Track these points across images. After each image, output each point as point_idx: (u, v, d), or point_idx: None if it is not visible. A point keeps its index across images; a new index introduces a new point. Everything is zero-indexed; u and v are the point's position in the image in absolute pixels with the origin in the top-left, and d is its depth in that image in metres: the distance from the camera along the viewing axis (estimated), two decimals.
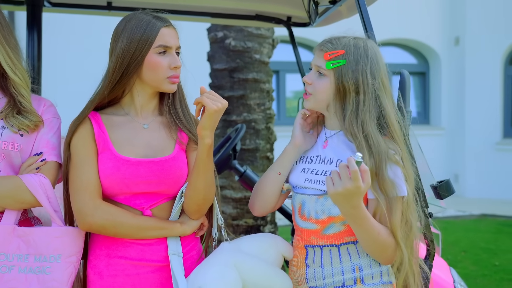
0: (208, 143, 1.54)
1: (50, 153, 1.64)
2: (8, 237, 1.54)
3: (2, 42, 1.59)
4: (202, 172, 1.57)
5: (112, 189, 1.61)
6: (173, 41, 1.64)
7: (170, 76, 1.63)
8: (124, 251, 1.62)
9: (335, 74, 1.58)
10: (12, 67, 1.60)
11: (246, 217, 4.08)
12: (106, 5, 2.76)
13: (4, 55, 1.59)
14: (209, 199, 1.64)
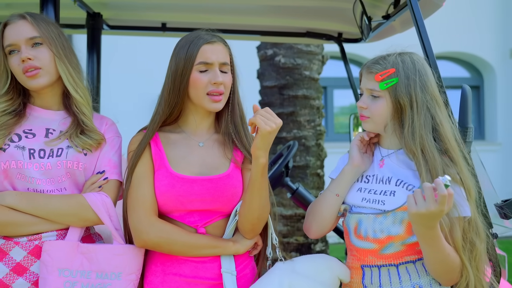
0: (263, 163, 1.53)
1: (111, 171, 1.68)
2: (72, 253, 1.58)
3: (65, 62, 1.65)
4: (257, 191, 1.57)
5: (167, 206, 1.63)
6: (214, 57, 1.62)
7: (210, 92, 1.62)
8: (179, 268, 1.63)
9: (390, 93, 1.57)
10: (74, 86, 1.66)
11: (296, 234, 4.04)
12: (160, 26, 2.84)
13: (66, 74, 1.65)
14: (263, 218, 1.63)
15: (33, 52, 1.60)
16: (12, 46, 1.61)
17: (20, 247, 1.57)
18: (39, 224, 1.57)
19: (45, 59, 1.61)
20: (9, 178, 1.58)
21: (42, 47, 1.62)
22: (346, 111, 8.91)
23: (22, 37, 1.60)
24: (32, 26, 1.62)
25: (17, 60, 1.60)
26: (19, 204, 1.55)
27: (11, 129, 1.61)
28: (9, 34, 1.62)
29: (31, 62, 1.59)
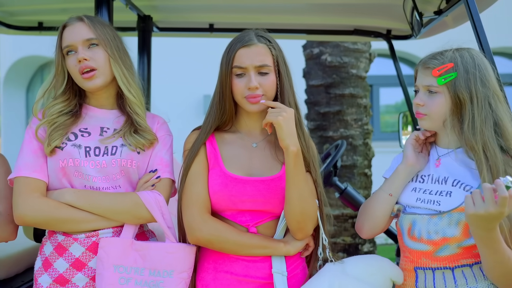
0: (293, 151, 1.53)
1: (164, 170, 1.71)
2: (126, 250, 1.62)
3: (119, 63, 1.69)
4: (293, 183, 1.56)
5: (220, 205, 1.64)
6: (248, 61, 1.61)
7: (247, 96, 1.62)
8: (230, 266, 1.64)
9: (448, 88, 1.52)
10: (127, 86, 1.70)
11: (344, 235, 3.99)
12: (208, 27, 2.88)
13: (120, 75, 1.69)
14: (308, 215, 1.60)
15: (89, 53, 1.64)
16: (69, 47, 1.66)
17: (78, 243, 1.62)
18: (96, 221, 1.61)
19: (100, 59, 1.65)
20: (67, 175, 1.63)
21: (98, 48, 1.66)
22: (392, 110, 8.74)
23: (79, 39, 1.65)
24: (89, 28, 1.66)
25: (74, 60, 1.65)
26: (77, 201, 1.59)
27: (68, 129, 1.66)
28: (67, 35, 1.67)
29: (87, 63, 1.63)
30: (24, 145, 1.65)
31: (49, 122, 1.65)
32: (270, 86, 1.63)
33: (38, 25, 2.90)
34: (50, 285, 1.61)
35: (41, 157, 1.63)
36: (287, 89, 1.67)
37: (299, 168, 1.56)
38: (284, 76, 1.66)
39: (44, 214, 1.58)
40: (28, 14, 2.82)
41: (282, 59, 1.67)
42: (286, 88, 1.66)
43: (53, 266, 1.62)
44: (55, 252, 1.63)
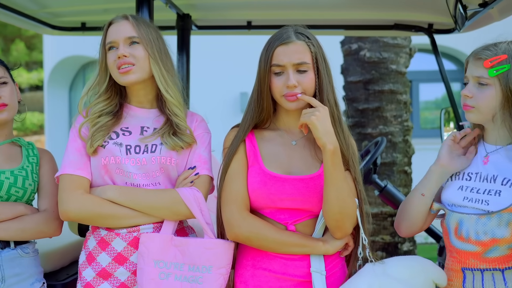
0: (330, 149, 1.51)
1: (202, 167, 1.73)
2: (166, 246, 1.64)
3: (159, 64, 1.71)
4: (331, 182, 1.54)
5: (258, 202, 1.64)
6: (286, 59, 1.59)
7: (286, 95, 1.61)
8: (268, 263, 1.64)
9: (500, 81, 1.47)
10: (165, 87, 1.71)
11: (382, 233, 3.93)
12: (246, 24, 2.88)
13: (159, 75, 1.70)
14: (346, 214, 1.58)
15: (129, 50, 1.67)
16: (112, 44, 1.69)
17: (120, 238, 1.66)
18: (137, 217, 1.64)
19: (139, 56, 1.67)
20: (109, 172, 1.67)
21: (139, 46, 1.68)
22: (432, 106, 8.53)
23: (122, 36, 1.68)
24: (132, 27, 1.69)
25: (113, 56, 1.68)
26: (119, 197, 1.63)
27: (110, 129, 1.69)
28: (111, 32, 1.71)
29: (126, 59, 1.66)
30: (69, 144, 1.70)
31: (92, 121, 1.68)
32: (309, 84, 1.61)
33: (81, 26, 2.97)
34: (94, 278, 1.65)
35: (84, 155, 1.67)
36: (326, 87, 1.64)
37: (337, 166, 1.54)
38: (323, 74, 1.64)
39: (87, 210, 1.62)
40: (71, 15, 2.90)
41: (321, 56, 1.64)
42: (325, 85, 1.64)
43: (96, 260, 1.66)
44: (98, 247, 1.67)
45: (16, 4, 2.59)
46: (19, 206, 1.75)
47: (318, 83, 1.63)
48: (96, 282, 1.65)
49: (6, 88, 1.79)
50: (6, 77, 1.81)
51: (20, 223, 1.72)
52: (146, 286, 1.60)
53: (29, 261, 1.78)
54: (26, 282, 1.76)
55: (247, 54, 7.92)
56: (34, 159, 1.86)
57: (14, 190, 1.76)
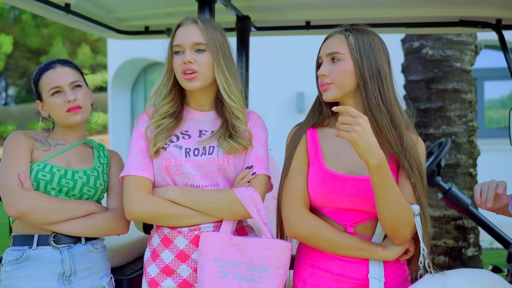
0: (373, 165, 1.46)
1: (259, 166, 1.74)
2: (225, 245, 1.67)
3: (223, 70, 1.73)
4: (380, 195, 1.50)
5: (318, 201, 1.64)
6: (322, 51, 1.67)
7: (320, 84, 1.66)
8: (326, 264, 1.63)
9: None
10: (228, 93, 1.73)
11: (445, 237, 3.79)
12: (304, 24, 2.87)
13: (222, 81, 1.73)
14: (401, 224, 1.53)
15: (194, 56, 1.70)
16: (178, 47, 1.72)
17: (182, 236, 1.70)
18: (196, 217, 1.68)
19: (204, 64, 1.70)
20: (170, 174, 1.71)
21: (205, 53, 1.71)
22: (497, 105, 8.14)
23: (189, 41, 1.70)
24: (200, 32, 1.71)
25: (179, 60, 1.71)
26: (179, 198, 1.67)
27: (171, 132, 1.74)
28: (179, 35, 1.73)
29: (190, 65, 1.69)
30: (132, 145, 1.75)
31: (155, 123, 1.74)
32: (339, 74, 1.62)
33: (144, 30, 3.08)
34: (158, 274, 1.71)
35: (147, 156, 1.73)
36: (371, 80, 1.60)
37: (384, 179, 1.49)
38: (366, 66, 1.60)
39: (151, 211, 1.67)
40: (135, 20, 3.00)
41: (364, 48, 1.61)
42: (369, 78, 1.60)
43: (160, 257, 1.71)
44: (161, 244, 1.73)
45: (86, 10, 2.72)
46: (91, 205, 1.84)
47: (360, 75, 1.61)
48: (160, 278, 1.70)
49: (80, 91, 1.88)
50: (80, 80, 1.90)
51: (92, 221, 1.80)
52: (205, 283, 1.63)
53: (98, 256, 1.87)
54: (96, 276, 1.84)
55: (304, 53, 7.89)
56: (105, 160, 1.95)
57: (86, 189, 1.85)
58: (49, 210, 1.73)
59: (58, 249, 1.78)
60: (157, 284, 1.70)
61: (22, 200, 1.71)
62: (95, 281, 1.84)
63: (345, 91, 1.64)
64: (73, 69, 1.91)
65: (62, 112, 1.84)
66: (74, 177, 1.82)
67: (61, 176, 1.79)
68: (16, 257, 1.76)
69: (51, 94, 1.85)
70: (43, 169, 1.79)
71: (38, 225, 1.76)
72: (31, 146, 1.82)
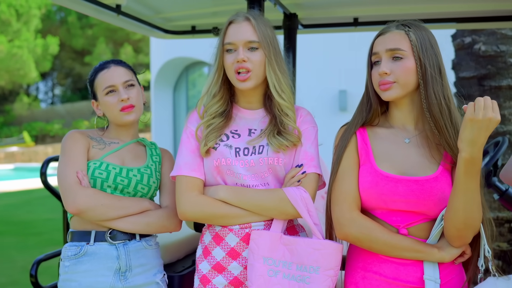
0: (465, 158, 1.42)
1: (309, 164, 1.72)
2: (275, 244, 1.68)
3: (274, 67, 1.72)
4: (460, 191, 1.46)
5: (370, 203, 1.62)
6: (380, 47, 1.60)
7: (379, 83, 1.60)
8: (379, 267, 1.61)
9: None
10: (279, 91, 1.72)
11: (499, 240, 3.67)
12: (352, 21, 2.84)
13: (273, 80, 1.72)
14: (471, 225, 1.50)
15: (248, 54, 1.70)
16: (230, 45, 1.71)
17: (233, 234, 1.72)
18: (247, 216, 1.69)
19: (256, 62, 1.70)
20: (220, 173, 1.73)
21: (257, 51, 1.71)
22: None
23: (242, 39, 1.69)
24: (253, 30, 1.70)
25: (232, 58, 1.70)
26: (230, 198, 1.68)
27: (221, 131, 1.75)
28: (231, 33, 1.71)
29: (244, 64, 1.69)
30: (183, 145, 1.77)
31: (206, 123, 1.75)
32: (403, 72, 1.57)
33: (191, 29, 3.13)
34: (209, 271, 1.73)
35: (198, 156, 1.75)
36: (433, 78, 1.57)
37: (470, 176, 1.44)
38: (428, 64, 1.57)
39: (203, 211, 1.69)
40: (182, 19, 3.05)
41: (425, 46, 1.57)
42: (430, 76, 1.57)
43: (212, 254, 1.74)
44: (213, 241, 1.75)
45: (135, 11, 2.79)
46: (145, 202, 1.88)
47: (421, 73, 1.57)
48: (211, 275, 1.73)
49: (133, 90, 1.93)
50: (133, 80, 1.95)
51: (146, 218, 1.85)
52: (255, 281, 1.64)
53: (152, 253, 1.91)
54: (150, 273, 1.89)
55: (347, 50, 7.80)
56: (157, 158, 2.00)
57: (140, 187, 1.89)
58: (106, 207, 1.78)
59: (114, 245, 1.83)
60: (208, 280, 1.72)
61: (81, 197, 1.76)
62: (149, 277, 1.88)
63: (407, 90, 1.61)
64: (127, 68, 1.96)
65: (116, 111, 1.89)
66: (128, 175, 1.87)
67: (116, 174, 1.85)
68: (75, 252, 1.82)
69: (106, 94, 1.90)
70: (99, 167, 1.84)
71: (95, 221, 1.81)
72: (87, 145, 1.88)
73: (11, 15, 25.47)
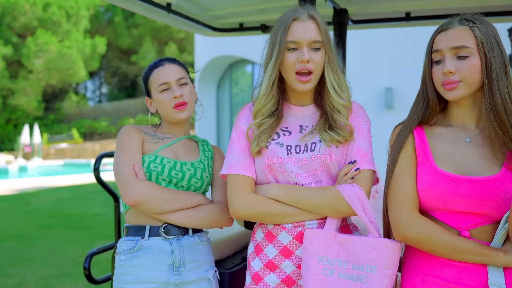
0: None
1: (362, 161, 1.68)
2: (330, 242, 1.65)
3: (332, 67, 1.69)
4: None
5: (429, 203, 1.56)
6: (444, 44, 1.53)
7: (443, 83, 1.54)
8: (440, 270, 1.55)
9: None
10: (338, 91, 1.69)
11: None
12: (404, 16, 2.76)
13: (331, 79, 1.69)
14: None
15: (311, 55, 1.65)
16: (294, 44, 1.65)
17: (286, 232, 1.70)
18: (300, 215, 1.67)
19: (318, 63, 1.66)
20: (272, 172, 1.71)
21: (320, 51, 1.67)
22: None
23: (307, 38, 1.64)
24: (318, 29, 1.65)
25: (294, 58, 1.66)
26: (282, 196, 1.66)
27: (273, 131, 1.73)
28: (295, 30, 1.65)
29: (308, 65, 1.65)
30: (233, 143, 1.76)
31: (258, 124, 1.73)
32: (469, 70, 1.51)
33: (239, 27, 3.13)
34: (261, 269, 1.72)
35: (249, 154, 1.73)
36: (498, 76, 1.50)
37: None
38: (493, 61, 1.50)
39: (255, 209, 1.68)
40: (230, 17, 3.06)
41: (491, 42, 1.51)
42: (495, 74, 1.50)
43: (264, 252, 1.73)
44: (265, 239, 1.74)
45: (184, 9, 2.82)
46: (199, 196, 1.90)
47: (486, 72, 1.50)
48: (263, 273, 1.72)
49: (186, 88, 1.94)
50: (186, 77, 1.97)
51: (200, 212, 1.86)
52: (310, 281, 1.62)
53: (204, 249, 1.92)
54: (202, 268, 1.90)
55: (393, 46, 7.62)
56: (209, 154, 2.02)
57: (194, 181, 1.91)
58: (162, 200, 1.80)
59: (168, 240, 1.85)
60: (260, 278, 1.72)
61: (137, 189, 1.78)
62: (201, 273, 1.89)
63: (473, 90, 1.55)
64: (180, 66, 1.97)
65: (169, 108, 1.92)
66: (182, 169, 1.89)
67: (171, 167, 1.87)
68: (130, 246, 1.85)
69: (160, 91, 1.92)
70: (154, 160, 1.86)
71: (150, 214, 1.83)
72: (142, 139, 1.91)
73: (62, 16, 26.45)
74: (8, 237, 7.48)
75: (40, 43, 25.09)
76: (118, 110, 28.73)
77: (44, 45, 25.10)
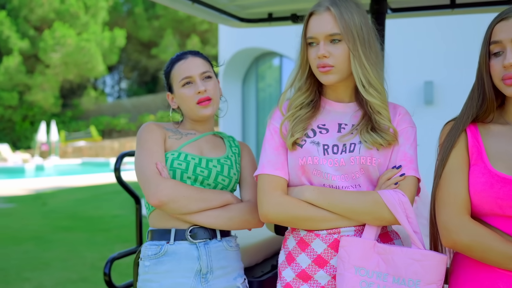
0: None
1: (408, 167, 1.65)
2: (368, 252, 1.61)
3: (361, 60, 1.64)
4: None
5: (482, 207, 1.52)
6: (504, 35, 1.49)
7: (503, 77, 1.50)
8: (494, 282, 1.50)
9: None
10: (367, 87, 1.65)
11: None
12: (449, 3, 2.69)
13: (359, 74, 1.65)
14: None
15: (329, 48, 1.65)
16: (312, 39, 1.68)
17: (320, 240, 1.67)
18: (336, 220, 1.64)
19: (339, 57, 1.65)
20: (306, 173, 1.68)
21: (340, 43, 1.65)
22: None
23: (322, 32, 1.65)
24: (334, 21, 1.64)
25: (313, 53, 1.68)
26: (317, 199, 1.63)
27: (308, 122, 1.71)
28: (312, 25, 1.67)
29: (325, 60, 1.65)
30: (266, 142, 1.75)
31: (291, 116, 1.72)
32: None
33: (268, 17, 3.10)
34: (293, 279, 1.69)
35: (282, 154, 1.71)
36: None
37: None
38: None
39: (286, 212, 1.65)
40: (258, 6, 3.03)
41: None
42: None
43: (296, 261, 1.70)
44: (297, 247, 1.71)
45: None
46: (227, 195, 1.87)
47: None
48: (296, 283, 1.69)
49: (210, 83, 1.93)
50: (210, 71, 1.96)
51: (228, 212, 1.84)
52: None
53: (233, 255, 1.90)
54: (230, 276, 1.88)
55: (434, 36, 7.48)
56: (236, 150, 2.00)
57: (221, 179, 1.89)
58: (188, 199, 1.78)
59: (195, 245, 1.83)
60: None
61: (162, 188, 1.76)
62: (230, 281, 1.87)
63: None
64: (204, 59, 1.96)
65: (192, 103, 1.91)
66: (208, 166, 1.87)
67: (195, 164, 1.85)
68: (155, 251, 1.84)
69: (182, 85, 1.91)
70: (177, 157, 1.85)
71: (176, 214, 1.81)
72: (164, 136, 1.90)
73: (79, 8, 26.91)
74: (24, 240, 7.64)
75: (57, 36, 25.60)
76: (138, 106, 29.09)
77: (62, 38, 25.60)
